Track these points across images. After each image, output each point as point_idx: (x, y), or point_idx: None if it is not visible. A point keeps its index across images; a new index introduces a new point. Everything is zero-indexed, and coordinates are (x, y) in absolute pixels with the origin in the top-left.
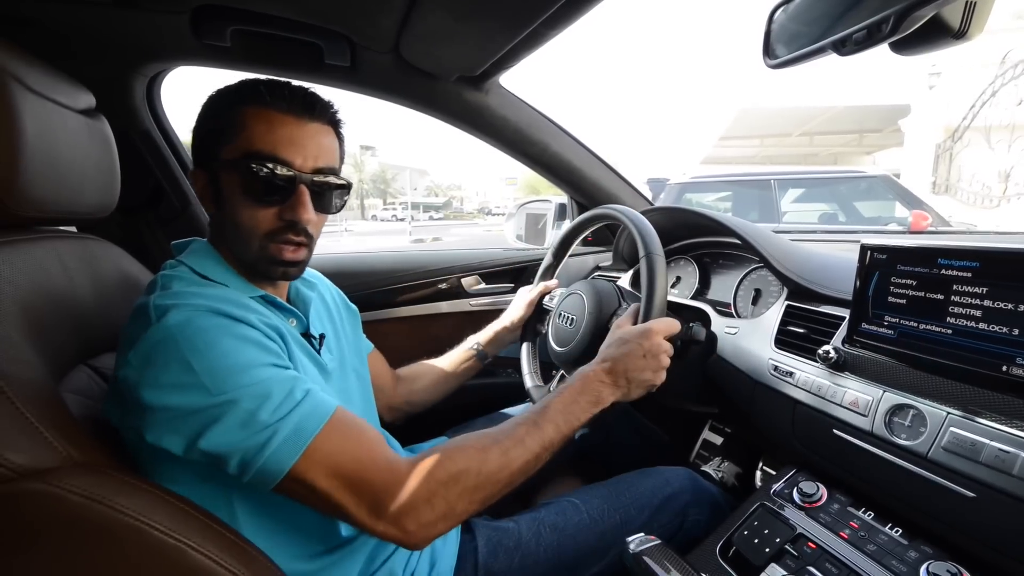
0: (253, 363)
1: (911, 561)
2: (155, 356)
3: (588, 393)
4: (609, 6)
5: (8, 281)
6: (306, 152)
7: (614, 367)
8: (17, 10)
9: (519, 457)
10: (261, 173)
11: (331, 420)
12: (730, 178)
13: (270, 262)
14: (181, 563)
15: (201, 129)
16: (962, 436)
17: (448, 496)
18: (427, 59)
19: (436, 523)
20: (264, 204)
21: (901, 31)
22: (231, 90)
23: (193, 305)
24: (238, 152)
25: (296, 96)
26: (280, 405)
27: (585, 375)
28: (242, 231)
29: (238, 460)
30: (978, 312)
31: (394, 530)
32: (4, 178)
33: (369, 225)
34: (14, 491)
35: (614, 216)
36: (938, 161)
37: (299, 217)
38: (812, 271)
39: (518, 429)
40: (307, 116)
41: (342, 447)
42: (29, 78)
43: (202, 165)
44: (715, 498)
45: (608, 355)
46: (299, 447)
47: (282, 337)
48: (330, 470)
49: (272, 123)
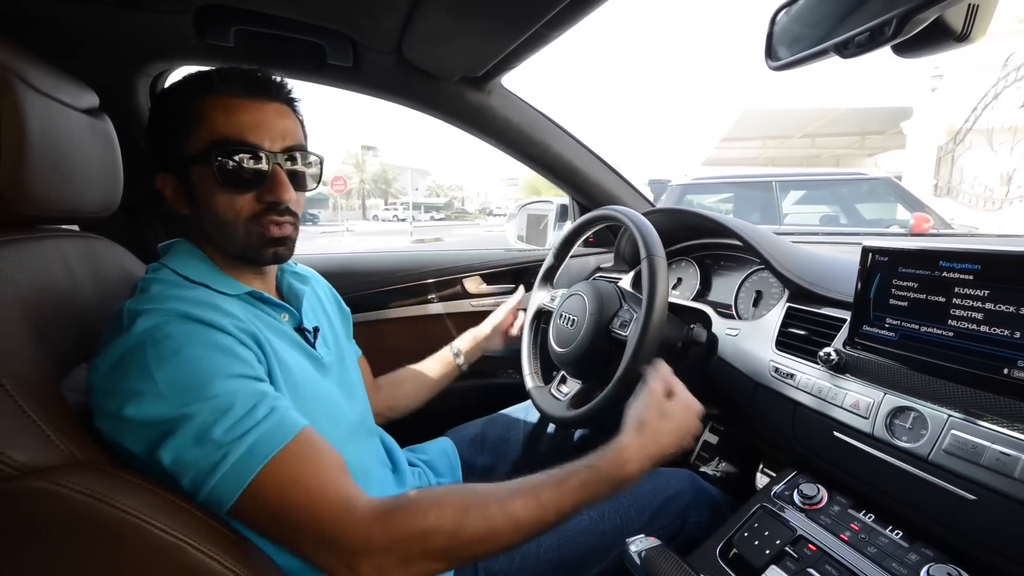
0: (218, 373)
1: (912, 564)
2: (120, 364)
3: (620, 478)
4: (612, 8)
5: (10, 280)
6: (272, 133)
7: (658, 450)
8: (21, 9)
9: (504, 531)
10: (232, 160)
11: (291, 444)
12: (732, 180)
13: (260, 244)
14: (181, 561)
15: (158, 132)
16: (963, 439)
17: (410, 551)
18: (429, 60)
19: (390, 572)
20: (240, 191)
21: (904, 34)
22: (181, 86)
23: (164, 310)
24: (203, 145)
25: (250, 79)
26: (238, 423)
27: (623, 457)
28: (224, 223)
29: (190, 479)
30: (980, 315)
31: (344, 571)
32: (8, 177)
33: (370, 225)
34: (15, 489)
35: (615, 217)
36: (940, 163)
37: (280, 198)
38: (813, 273)
39: (515, 500)
40: (264, 97)
41: (295, 476)
42: (33, 77)
43: (166, 168)
44: (715, 500)
45: (651, 432)
46: (249, 472)
47: (260, 344)
48: (277, 499)
49: (231, 109)
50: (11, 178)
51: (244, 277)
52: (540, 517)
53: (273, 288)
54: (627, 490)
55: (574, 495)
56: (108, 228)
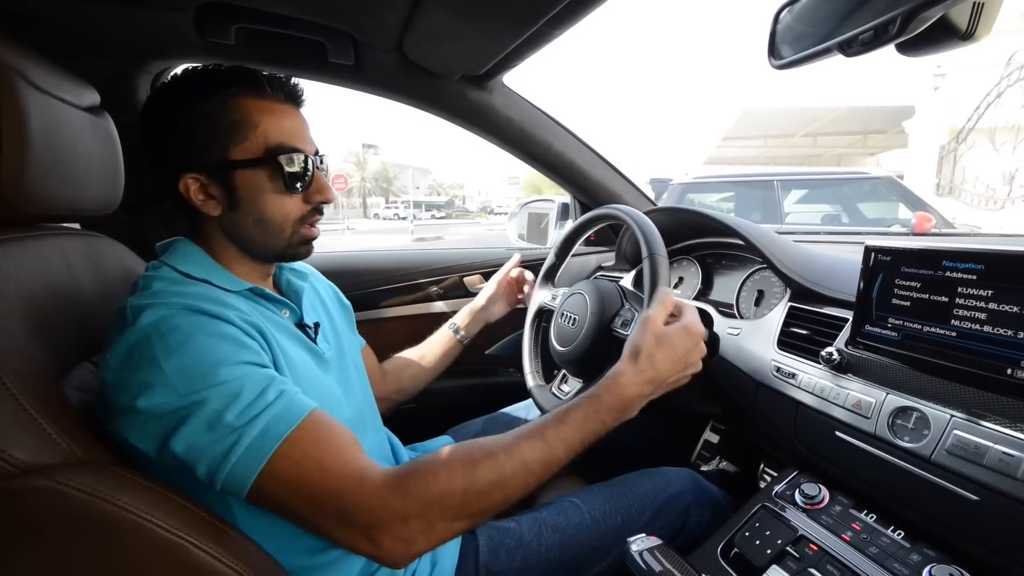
0: (226, 360)
1: (913, 564)
2: (129, 357)
3: (621, 406)
4: (613, 6)
5: (12, 277)
6: (308, 138)
7: (655, 375)
8: (22, 7)
9: (516, 475)
10: (292, 166)
11: (303, 423)
12: (733, 179)
13: (301, 243)
14: (183, 560)
15: (185, 133)
16: (966, 439)
17: (428, 516)
18: (431, 58)
19: (415, 540)
20: (293, 193)
21: (908, 32)
22: (216, 85)
23: (169, 303)
24: (257, 149)
25: (286, 86)
26: (249, 406)
27: (619, 383)
28: (273, 224)
29: (205, 466)
30: (983, 315)
31: (367, 544)
32: (9, 175)
33: (371, 223)
34: (17, 487)
35: (617, 216)
36: (942, 163)
37: (328, 198)
38: (815, 272)
39: (520, 443)
40: (297, 104)
41: (311, 453)
42: (35, 75)
43: (194, 169)
44: (717, 499)
45: (647, 358)
46: (265, 453)
47: (264, 336)
48: (295, 477)
49: (281, 115)
50: (12, 176)
51: (245, 274)
52: (548, 456)
53: (272, 285)
54: (632, 414)
55: (577, 428)
56: (109, 226)
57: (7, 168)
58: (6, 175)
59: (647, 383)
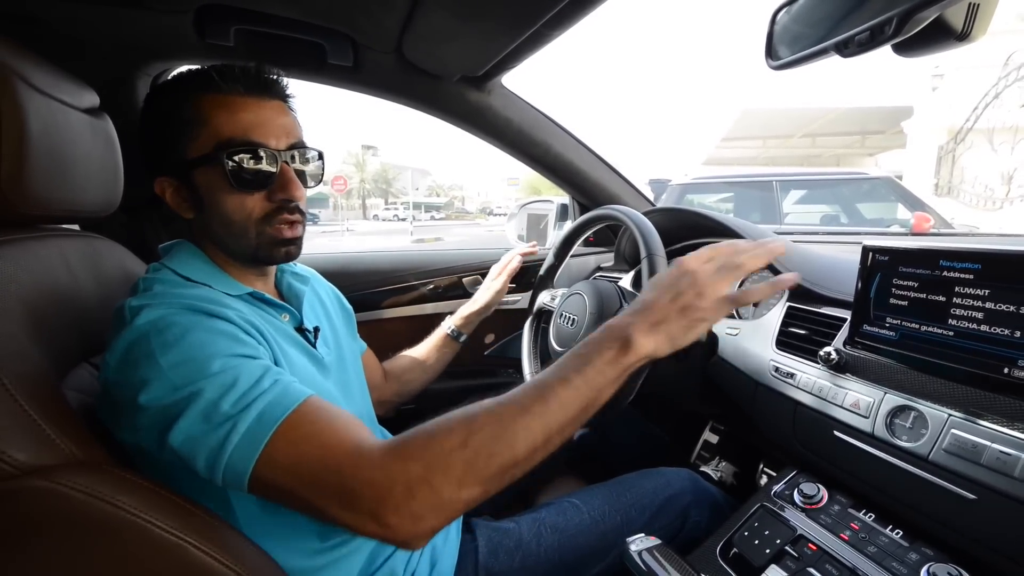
0: (222, 352)
1: (912, 563)
2: (127, 356)
3: (613, 338)
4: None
5: (11, 279)
6: (276, 131)
7: (645, 307)
8: (22, 9)
9: (526, 429)
10: (242, 161)
11: (300, 407)
12: (732, 179)
13: (272, 245)
14: (182, 560)
15: (153, 134)
16: (963, 438)
17: (432, 481)
18: (430, 59)
19: (423, 515)
20: (251, 191)
21: (904, 33)
22: (175, 85)
23: (167, 303)
24: (208, 146)
25: (249, 76)
26: (244, 394)
27: (608, 323)
28: (235, 224)
29: (204, 459)
30: (980, 314)
31: (374, 525)
32: (9, 176)
33: (371, 225)
34: (16, 488)
35: (616, 217)
36: (941, 163)
37: (292, 195)
38: (814, 272)
39: (523, 396)
40: (264, 95)
41: (309, 433)
42: (34, 77)
43: (165, 172)
44: (716, 499)
45: (639, 300)
46: (262, 438)
47: (264, 335)
48: (294, 460)
49: (234, 108)
50: (12, 177)
51: (245, 278)
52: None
53: (273, 288)
54: (640, 360)
55: (580, 377)
56: (109, 228)
57: (7, 169)
58: (6, 176)
59: (651, 326)
